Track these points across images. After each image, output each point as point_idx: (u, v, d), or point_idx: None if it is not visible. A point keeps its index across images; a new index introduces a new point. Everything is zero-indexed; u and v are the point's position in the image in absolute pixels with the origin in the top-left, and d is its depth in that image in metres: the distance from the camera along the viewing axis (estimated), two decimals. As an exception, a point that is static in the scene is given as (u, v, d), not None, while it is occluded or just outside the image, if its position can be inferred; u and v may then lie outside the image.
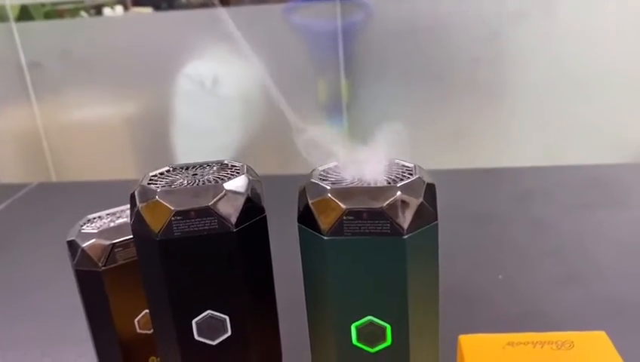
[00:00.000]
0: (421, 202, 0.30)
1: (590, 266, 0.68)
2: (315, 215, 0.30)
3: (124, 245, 0.43)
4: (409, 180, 0.31)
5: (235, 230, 0.32)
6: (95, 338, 0.46)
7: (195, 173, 0.35)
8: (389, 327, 0.32)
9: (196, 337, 0.34)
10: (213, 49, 1.34)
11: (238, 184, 0.33)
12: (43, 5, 1.53)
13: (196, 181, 0.33)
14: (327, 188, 0.31)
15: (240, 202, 0.32)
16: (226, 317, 0.34)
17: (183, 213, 0.31)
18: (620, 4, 1.22)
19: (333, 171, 0.33)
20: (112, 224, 0.45)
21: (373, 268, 0.30)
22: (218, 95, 1.44)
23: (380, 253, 0.30)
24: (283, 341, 0.39)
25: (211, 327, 0.34)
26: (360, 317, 0.32)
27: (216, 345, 0.34)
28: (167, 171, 0.35)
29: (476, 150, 1.25)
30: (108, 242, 0.43)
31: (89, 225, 0.45)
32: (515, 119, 1.23)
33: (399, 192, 0.30)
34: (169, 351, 0.35)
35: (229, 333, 0.34)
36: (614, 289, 0.63)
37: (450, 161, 1.18)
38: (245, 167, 0.35)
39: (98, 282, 0.43)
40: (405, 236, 0.29)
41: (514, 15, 1.23)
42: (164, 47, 1.44)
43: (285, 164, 1.33)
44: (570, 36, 1.22)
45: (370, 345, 0.32)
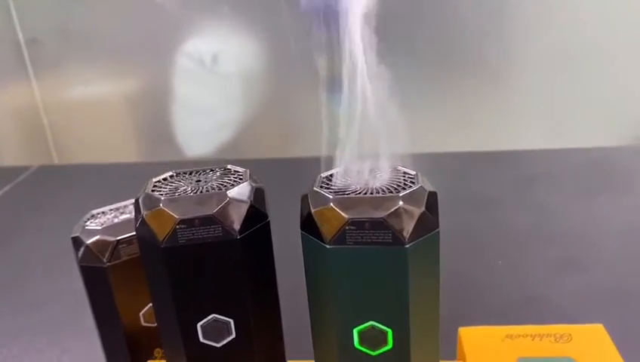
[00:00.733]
0: (422, 212, 0.30)
1: (592, 253, 0.69)
2: (318, 224, 0.31)
3: (128, 241, 0.43)
4: (411, 189, 0.31)
5: (239, 237, 0.32)
6: (101, 331, 0.46)
7: (199, 180, 0.35)
8: (390, 332, 0.32)
9: (201, 339, 0.35)
10: (212, 26, 1.33)
11: (241, 191, 0.33)
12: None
13: (200, 188, 0.34)
14: (330, 197, 0.31)
15: (243, 210, 0.32)
16: (231, 321, 0.34)
17: (187, 222, 0.32)
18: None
19: (335, 178, 0.33)
20: (115, 220, 0.45)
21: (375, 275, 0.31)
22: (218, 72, 1.43)
23: (382, 261, 0.30)
24: (286, 342, 0.39)
25: (216, 330, 0.34)
26: (362, 322, 0.32)
27: (221, 347, 0.35)
28: (171, 176, 0.36)
29: (481, 131, 1.23)
30: (112, 238, 0.43)
31: (93, 221, 0.46)
32: (522, 98, 1.22)
33: (401, 202, 0.30)
34: (175, 352, 0.36)
35: (233, 336, 0.35)
36: (615, 277, 0.64)
37: (454, 142, 1.17)
38: (248, 173, 0.35)
39: (103, 278, 0.43)
40: (407, 245, 0.30)
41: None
42: (164, 24, 1.42)
43: (286, 140, 1.33)
44: (581, 9, 1.19)
45: (372, 348, 0.33)
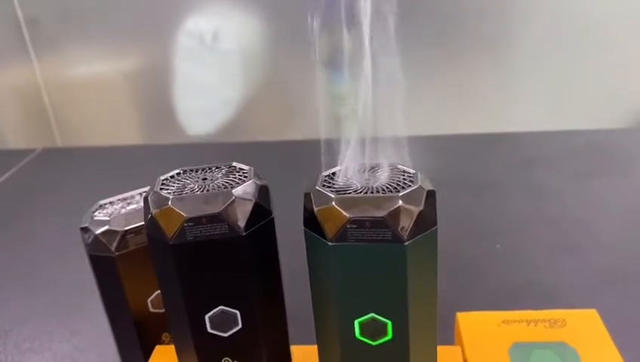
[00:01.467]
0: (421, 211, 0.31)
1: (589, 236, 0.70)
2: (321, 222, 0.32)
3: (135, 231, 0.45)
4: (410, 189, 0.32)
5: (244, 234, 0.34)
6: (110, 317, 0.48)
7: (205, 178, 0.36)
8: (389, 323, 0.34)
9: (209, 330, 0.36)
10: (213, 3, 1.32)
11: (246, 190, 0.34)
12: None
13: (206, 186, 0.35)
14: (332, 196, 0.32)
15: (248, 208, 0.34)
16: (237, 312, 0.36)
17: (194, 220, 0.33)
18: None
19: (336, 177, 0.34)
20: (123, 210, 0.46)
21: (375, 271, 0.32)
22: (218, 50, 1.43)
23: (382, 258, 0.32)
24: (290, 332, 0.41)
25: (223, 321, 0.36)
26: (362, 314, 0.34)
27: (228, 336, 0.36)
28: (178, 174, 0.37)
29: (480, 113, 1.24)
30: (120, 229, 0.45)
31: (101, 211, 0.47)
32: (522, 78, 1.21)
33: (400, 202, 0.31)
34: (183, 341, 0.37)
35: (239, 326, 0.36)
36: (612, 261, 0.65)
37: (452, 124, 1.17)
38: (252, 171, 0.36)
39: (112, 267, 0.45)
40: (406, 243, 0.31)
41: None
42: (164, 2, 1.41)
43: (286, 118, 1.33)
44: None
45: (372, 338, 0.34)
